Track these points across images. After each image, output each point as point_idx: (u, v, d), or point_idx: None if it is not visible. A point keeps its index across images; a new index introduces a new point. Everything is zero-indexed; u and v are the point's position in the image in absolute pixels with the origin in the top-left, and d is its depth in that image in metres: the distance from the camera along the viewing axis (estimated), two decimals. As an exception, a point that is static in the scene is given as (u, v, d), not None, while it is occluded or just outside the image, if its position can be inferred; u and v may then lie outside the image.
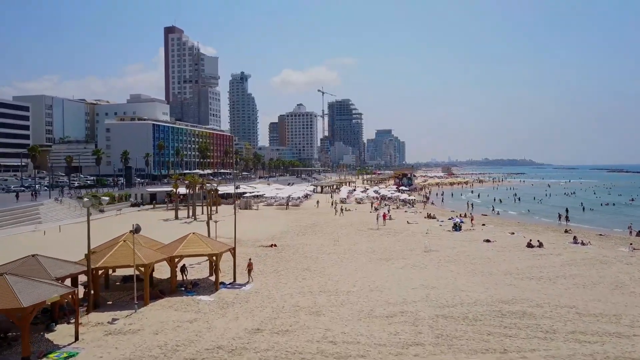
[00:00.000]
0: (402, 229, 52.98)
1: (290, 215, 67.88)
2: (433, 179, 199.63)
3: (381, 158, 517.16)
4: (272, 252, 38.68)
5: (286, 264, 34.10)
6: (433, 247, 40.29)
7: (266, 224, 58.40)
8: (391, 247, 41.31)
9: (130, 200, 79.38)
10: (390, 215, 62.09)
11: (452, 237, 47.20)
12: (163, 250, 27.39)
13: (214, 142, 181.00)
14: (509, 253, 38.41)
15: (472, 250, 39.85)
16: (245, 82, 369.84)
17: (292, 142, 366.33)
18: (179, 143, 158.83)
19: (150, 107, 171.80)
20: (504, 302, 24.19)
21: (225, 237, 46.02)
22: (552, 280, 29.32)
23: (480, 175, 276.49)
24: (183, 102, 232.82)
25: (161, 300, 24.96)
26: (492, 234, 49.53)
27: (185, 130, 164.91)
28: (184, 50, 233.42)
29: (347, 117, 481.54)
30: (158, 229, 52.31)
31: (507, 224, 59.73)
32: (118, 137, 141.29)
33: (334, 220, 61.49)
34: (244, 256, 36.41)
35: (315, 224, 58.22)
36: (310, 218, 64.58)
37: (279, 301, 24.80)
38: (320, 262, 34.62)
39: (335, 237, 45.27)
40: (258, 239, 45.93)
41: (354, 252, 38.92)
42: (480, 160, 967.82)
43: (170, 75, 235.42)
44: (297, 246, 41.67)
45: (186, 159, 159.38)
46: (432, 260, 35.59)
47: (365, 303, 24.23)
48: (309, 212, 73.73)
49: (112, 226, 54.41)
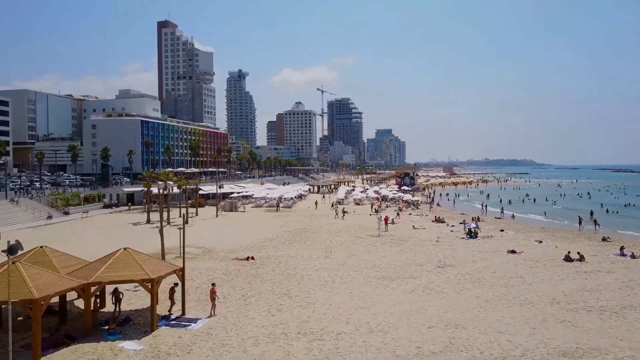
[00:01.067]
0: (407, 236, 45.09)
1: (279, 219, 59.97)
2: (435, 179, 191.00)
3: (381, 158, 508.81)
4: (246, 268, 30.79)
5: (260, 286, 26.18)
6: (448, 260, 32.43)
7: (249, 229, 50.46)
8: (396, 260, 33.41)
9: (104, 201, 71.48)
10: (393, 219, 54.14)
11: (468, 247, 39.29)
12: (78, 273, 19.47)
13: (207, 140, 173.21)
14: (544, 269, 30.50)
15: (497, 264, 31.95)
16: (243, 80, 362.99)
17: (291, 141, 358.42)
18: (170, 140, 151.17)
19: (139, 103, 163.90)
20: (566, 356, 16.31)
21: (195, 246, 38.25)
22: (619, 314, 21.37)
23: (483, 175, 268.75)
24: (177, 98, 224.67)
25: (65, 350, 17.08)
26: (515, 242, 41.62)
27: (176, 127, 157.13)
28: (177, 45, 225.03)
29: (346, 116, 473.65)
30: (119, 234, 44.56)
31: (529, 229, 51.60)
32: (104, 134, 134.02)
33: (328, 225, 53.58)
34: (211, 274, 28.54)
35: (307, 229, 50.31)
36: (302, 222, 56.67)
37: (236, 351, 16.94)
38: (304, 284, 26.72)
39: (327, 248, 37.27)
40: (234, 248, 38.06)
41: (350, 267, 31.04)
42: (481, 160, 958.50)
43: (164, 71, 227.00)
44: (279, 259, 33.78)
45: (177, 157, 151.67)
46: (449, 279, 27.71)
47: (362, 356, 16.38)
48: (301, 214, 65.83)
49: (65, 232, 46.60)
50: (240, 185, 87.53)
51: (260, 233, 46.83)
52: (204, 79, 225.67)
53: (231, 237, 44.25)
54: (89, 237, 43.45)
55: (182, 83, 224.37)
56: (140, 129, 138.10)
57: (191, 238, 42.33)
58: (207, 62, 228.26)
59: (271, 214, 66.58)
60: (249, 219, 60.41)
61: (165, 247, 35.87)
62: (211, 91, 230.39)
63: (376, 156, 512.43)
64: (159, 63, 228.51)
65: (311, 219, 60.08)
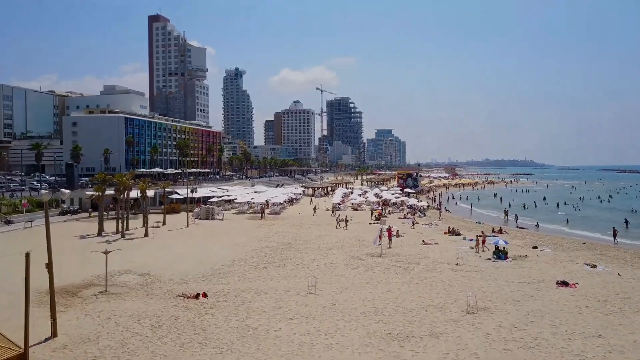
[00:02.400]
0: (417, 255, 35.46)
1: (262, 229, 50.36)
2: (439, 180, 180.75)
3: (381, 158, 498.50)
4: (189, 314, 21.15)
5: (196, 357, 16.53)
6: (478, 297, 22.82)
7: (220, 244, 40.85)
8: (405, 298, 23.77)
9: (63, 206, 61.93)
10: (397, 231, 44.55)
11: (500, 273, 29.66)
12: None
13: (199, 139, 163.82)
14: (625, 318, 20.86)
15: (551, 307, 22.28)
16: (240, 78, 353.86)
17: (289, 140, 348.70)
18: (158, 139, 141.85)
19: (125, 100, 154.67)
20: None
21: (137, 272, 28.59)
22: None
23: (486, 176, 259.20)
24: (168, 96, 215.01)
25: None
26: (560, 266, 31.99)
27: (164, 125, 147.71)
28: (169, 40, 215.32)
29: (346, 116, 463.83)
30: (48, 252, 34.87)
31: (569, 245, 41.53)
32: (85, 132, 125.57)
33: (319, 238, 43.99)
34: (126, 330, 18.94)
35: (291, 244, 40.70)
36: (287, 233, 47.08)
37: None
38: (266, 350, 17.05)
39: (311, 278, 27.38)
40: (188, 276, 28.45)
41: (340, 313, 21.42)
42: (481, 161, 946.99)
43: (155, 68, 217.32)
44: (243, 296, 24.16)
45: (164, 156, 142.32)
46: (488, 338, 18.06)
47: None
48: (290, 223, 56.25)
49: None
50: (223, 188, 77.70)
51: (232, 250, 37.22)
52: (197, 75, 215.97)
53: (192, 256, 34.67)
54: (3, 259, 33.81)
55: (173, 80, 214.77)
56: (124, 126, 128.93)
57: (138, 258, 32.80)
58: (200, 58, 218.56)
59: (254, 222, 56.97)
60: (225, 229, 50.75)
61: (96, 275, 26.62)
62: (204, 88, 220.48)
63: (376, 156, 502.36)
64: (149, 59, 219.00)
65: (300, 229, 50.50)
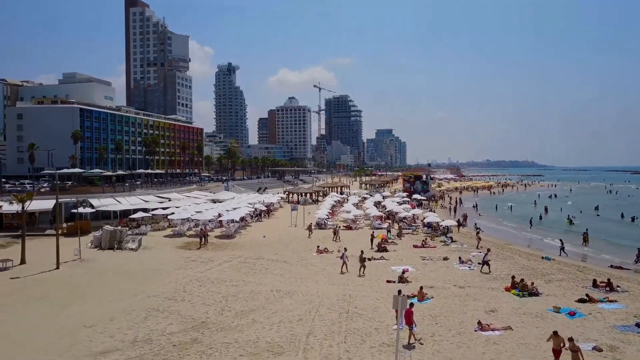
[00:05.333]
0: None
1: (182, 273, 29.46)
2: (447, 182, 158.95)
3: (381, 158, 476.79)
4: None
5: None
6: None
7: (71, 323, 19.96)
8: None
9: None
10: (425, 294, 23.57)
11: None
12: None
13: (177, 136, 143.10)
14: None
15: None
16: (232, 74, 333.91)
17: (283, 139, 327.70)
18: (124, 135, 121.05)
19: (87, 89, 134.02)
20: None
21: None
22: None
23: (490, 177, 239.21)
24: (147, 89, 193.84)
25: None
26: None
27: (132, 119, 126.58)
28: (147, 27, 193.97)
29: (345, 115, 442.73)
30: None
31: None
32: (33, 126, 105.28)
33: (278, 301, 23.21)
34: None
35: (207, 324, 19.86)
36: (219, 286, 26.27)
37: None
38: None
39: None
40: None
41: None
42: (482, 162, 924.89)
43: (132, 58, 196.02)
44: None
45: (132, 155, 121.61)
46: None
47: None
48: (241, 256, 35.39)
49: None
50: (162, 197, 55.95)
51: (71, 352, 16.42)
52: (178, 66, 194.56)
53: None
54: None
55: (152, 71, 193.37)
56: (78, 119, 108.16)
57: None
58: (182, 46, 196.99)
59: (186, 254, 35.93)
60: (119, 275, 29.72)
61: None
62: (186, 80, 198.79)
63: (376, 157, 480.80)
64: (126, 48, 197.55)
65: (252, 273, 29.72)
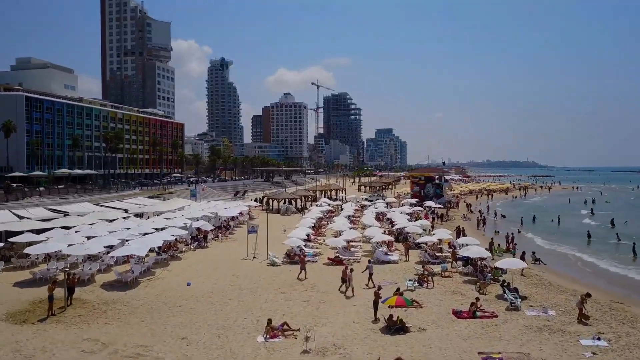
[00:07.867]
0: None
1: None
2: (459, 185, 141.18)
3: (381, 158, 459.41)
4: None
5: None
6: None
7: None
8: None
9: None
10: None
11: None
12: None
13: (152, 132, 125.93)
14: None
15: None
16: (225, 69, 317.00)
17: (278, 138, 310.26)
18: (85, 129, 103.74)
19: (44, 76, 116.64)
20: None
21: None
22: None
23: (498, 178, 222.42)
24: (124, 80, 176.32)
25: None
26: None
27: (97, 112, 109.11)
28: (125, 13, 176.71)
29: (344, 113, 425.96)
30: None
31: None
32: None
33: None
34: None
35: None
36: None
37: None
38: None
39: None
40: None
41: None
42: (482, 162, 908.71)
43: (107, 46, 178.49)
44: None
45: (93, 152, 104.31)
46: None
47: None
48: (125, 337, 18.27)
49: None
50: (59, 211, 37.56)
51: None
52: (159, 55, 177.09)
53: None
54: None
55: (130, 61, 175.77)
56: (24, 109, 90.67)
57: None
58: (162, 34, 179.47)
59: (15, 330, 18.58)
60: None
61: None
62: (168, 72, 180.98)
63: (376, 157, 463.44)
64: (102, 35, 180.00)
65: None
